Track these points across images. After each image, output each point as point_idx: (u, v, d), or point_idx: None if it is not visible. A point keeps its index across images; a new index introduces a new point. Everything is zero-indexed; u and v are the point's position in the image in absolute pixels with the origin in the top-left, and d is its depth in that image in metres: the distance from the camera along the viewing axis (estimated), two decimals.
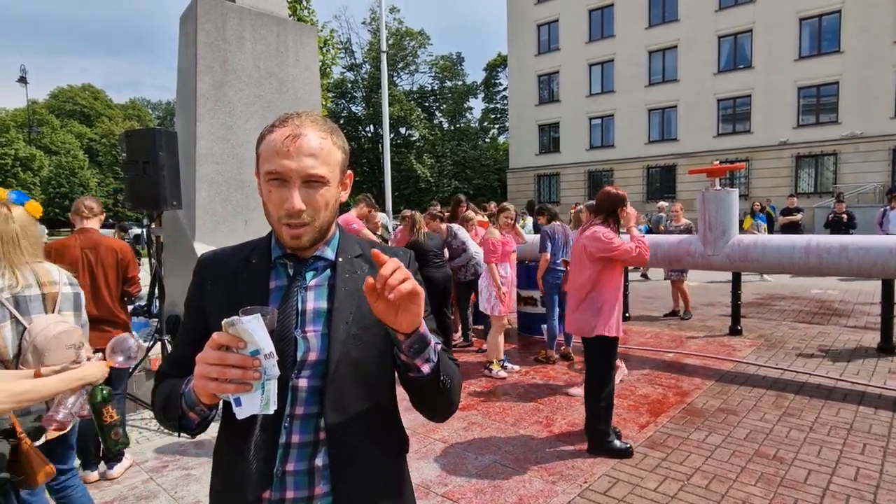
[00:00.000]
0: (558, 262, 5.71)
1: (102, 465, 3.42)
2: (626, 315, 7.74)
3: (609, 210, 3.72)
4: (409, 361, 0.94)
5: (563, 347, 5.83)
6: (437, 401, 1.01)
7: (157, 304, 4.71)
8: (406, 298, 0.85)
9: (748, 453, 3.48)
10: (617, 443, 3.55)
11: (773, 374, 5.06)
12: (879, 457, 3.37)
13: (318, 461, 0.99)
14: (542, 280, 5.81)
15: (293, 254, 1.05)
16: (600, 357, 3.64)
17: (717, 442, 3.67)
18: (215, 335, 0.83)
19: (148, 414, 4.41)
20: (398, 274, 0.83)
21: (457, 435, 3.91)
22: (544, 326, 6.03)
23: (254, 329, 0.80)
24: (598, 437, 3.56)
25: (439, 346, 0.98)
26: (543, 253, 5.69)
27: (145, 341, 4.97)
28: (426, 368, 0.94)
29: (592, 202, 4.25)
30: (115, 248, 3.50)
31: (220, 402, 0.93)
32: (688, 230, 7.50)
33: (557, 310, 5.70)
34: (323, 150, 0.99)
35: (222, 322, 0.82)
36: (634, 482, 3.17)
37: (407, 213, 6.49)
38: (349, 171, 1.09)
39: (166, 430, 4.10)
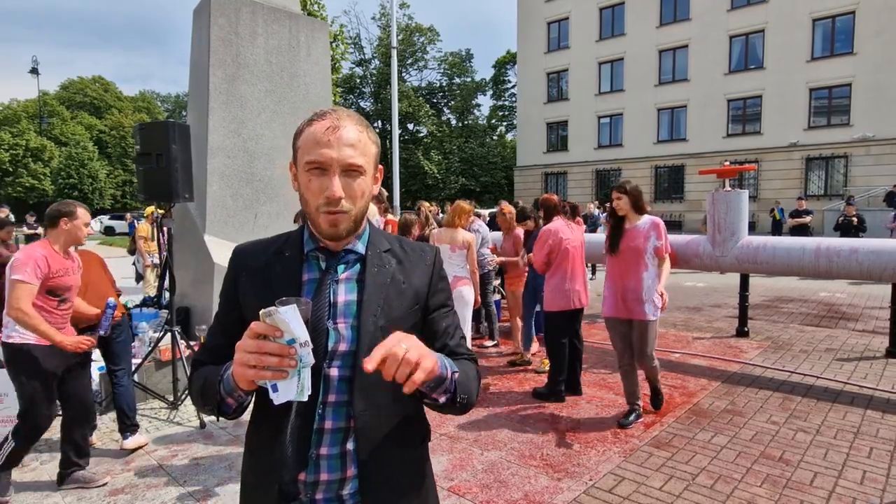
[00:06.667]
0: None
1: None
2: None
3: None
4: (427, 394, 1.00)
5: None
6: (452, 411, 1.08)
7: (168, 295, 4.75)
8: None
9: (754, 454, 3.49)
10: (561, 391, 4.55)
11: (779, 377, 5.05)
12: (886, 461, 3.36)
13: (350, 445, 1.04)
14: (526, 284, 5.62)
15: (325, 247, 1.08)
16: (546, 327, 4.75)
17: (722, 442, 3.67)
18: (254, 324, 0.86)
19: (157, 404, 4.46)
20: (401, 370, 0.85)
21: (463, 430, 3.93)
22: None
23: (290, 319, 0.83)
24: (553, 385, 4.54)
25: (457, 375, 1.02)
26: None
27: (155, 332, 5.02)
28: (443, 398, 1.01)
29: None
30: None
31: (257, 389, 0.96)
32: None
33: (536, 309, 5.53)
34: (361, 141, 1.03)
35: (260, 312, 0.84)
36: (640, 480, 3.18)
37: (425, 205, 6.56)
38: (380, 166, 1.13)
39: (176, 420, 4.15)
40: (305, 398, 0.88)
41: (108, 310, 3.28)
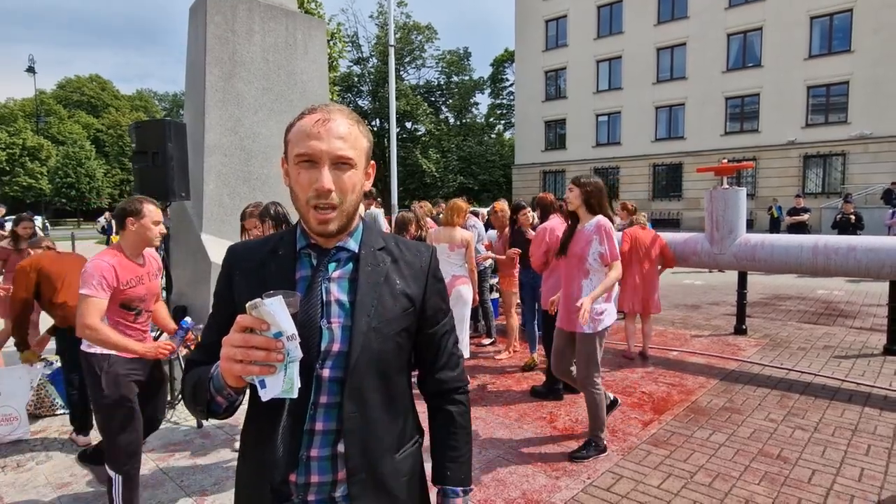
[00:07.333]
0: None
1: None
2: (623, 313, 7.69)
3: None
4: None
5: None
6: None
7: (164, 294, 4.73)
8: None
9: (752, 452, 3.49)
10: (559, 390, 4.59)
11: (777, 374, 5.05)
12: (884, 458, 3.37)
13: (341, 447, 1.02)
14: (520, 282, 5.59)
15: (316, 244, 1.07)
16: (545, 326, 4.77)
17: (720, 440, 3.67)
18: (240, 318, 0.85)
19: None
20: None
21: None
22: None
23: (276, 311, 0.82)
24: (551, 383, 4.59)
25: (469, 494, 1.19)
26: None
27: (151, 331, 4.99)
28: None
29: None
30: None
31: (248, 388, 0.95)
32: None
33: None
34: (351, 134, 1.02)
35: (246, 305, 0.84)
36: (638, 479, 3.18)
37: (422, 205, 6.56)
38: (372, 162, 1.12)
39: (173, 420, 4.13)
40: (294, 395, 0.87)
41: (179, 330, 2.98)
